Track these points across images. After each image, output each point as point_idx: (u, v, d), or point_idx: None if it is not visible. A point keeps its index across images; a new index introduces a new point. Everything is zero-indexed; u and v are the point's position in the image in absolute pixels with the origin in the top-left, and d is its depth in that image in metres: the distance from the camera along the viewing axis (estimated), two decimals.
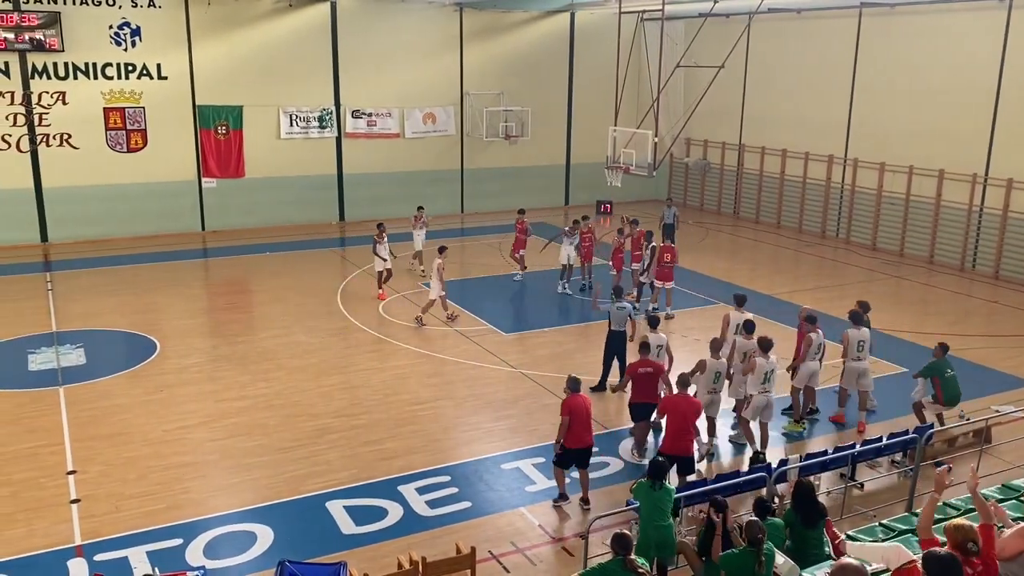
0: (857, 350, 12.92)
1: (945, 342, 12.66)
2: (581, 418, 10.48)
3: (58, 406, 13.48)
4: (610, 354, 14.23)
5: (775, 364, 11.98)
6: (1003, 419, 13.06)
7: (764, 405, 11.89)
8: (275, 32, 25.99)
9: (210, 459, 11.81)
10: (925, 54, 23.29)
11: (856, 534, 8.46)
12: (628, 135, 23.00)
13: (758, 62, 28.21)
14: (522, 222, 21.17)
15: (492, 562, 9.46)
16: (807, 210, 27.37)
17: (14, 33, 22.68)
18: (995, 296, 20.52)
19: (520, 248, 21.11)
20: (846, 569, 5.67)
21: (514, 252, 21.33)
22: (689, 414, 10.51)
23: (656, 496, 8.56)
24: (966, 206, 22.67)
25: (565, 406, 10.48)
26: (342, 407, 13.58)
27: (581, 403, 10.57)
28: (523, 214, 21.62)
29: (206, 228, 26.28)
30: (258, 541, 9.83)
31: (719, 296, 20.00)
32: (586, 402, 10.69)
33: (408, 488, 11.03)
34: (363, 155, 27.98)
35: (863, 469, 11.50)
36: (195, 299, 19.80)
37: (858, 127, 25.47)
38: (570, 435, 10.45)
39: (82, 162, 24.33)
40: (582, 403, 10.58)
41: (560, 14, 30.07)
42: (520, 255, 21.10)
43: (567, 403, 10.48)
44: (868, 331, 13.21)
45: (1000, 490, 9.27)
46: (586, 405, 10.64)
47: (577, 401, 10.53)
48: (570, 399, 10.52)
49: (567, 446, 10.50)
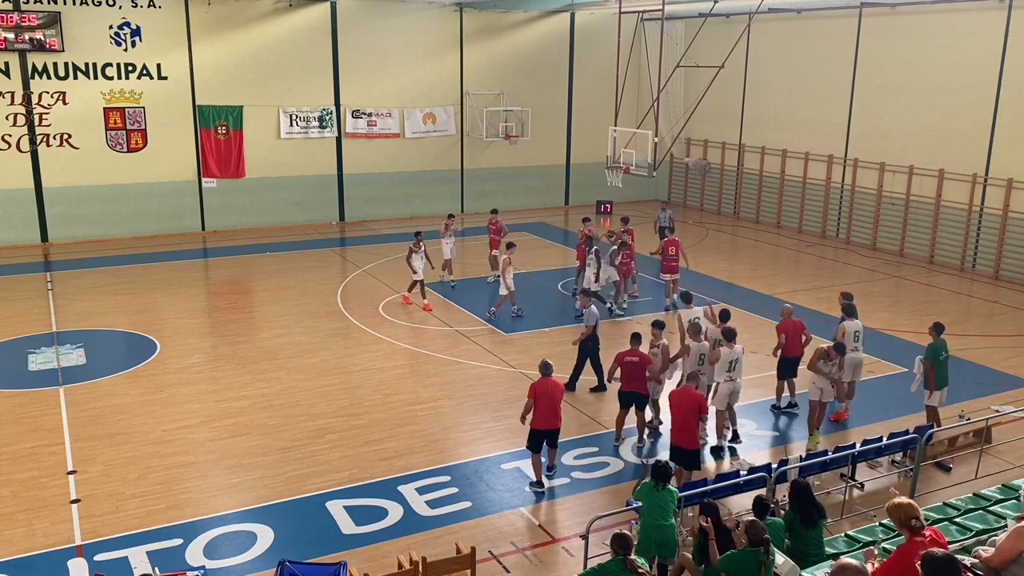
0: (854, 340, 13.13)
1: (940, 322, 12.68)
2: (546, 401, 10.86)
3: (58, 406, 13.48)
4: (584, 355, 14.40)
5: (740, 352, 12.39)
6: (1003, 419, 13.07)
7: (731, 392, 12.33)
8: (275, 32, 25.99)
9: (210, 459, 11.82)
10: (925, 54, 23.30)
11: (856, 534, 8.47)
12: (628, 135, 22.99)
13: (758, 62, 28.21)
14: (495, 221, 20.89)
15: (492, 562, 9.46)
16: (807, 210, 27.37)
17: (14, 33, 22.68)
18: (995, 296, 20.52)
19: (494, 248, 20.81)
20: (846, 569, 5.68)
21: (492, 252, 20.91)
22: (690, 408, 10.57)
23: (659, 496, 8.59)
24: (966, 206, 22.67)
25: (532, 389, 10.96)
26: (342, 407, 13.58)
27: (548, 387, 10.92)
28: (496, 213, 21.32)
29: (206, 228, 26.28)
30: (258, 541, 9.83)
31: (720, 296, 20.00)
32: (555, 386, 11.00)
33: (408, 488, 11.03)
34: (363, 155, 27.99)
35: (863, 469, 11.50)
36: (195, 299, 19.80)
37: (858, 127, 25.47)
38: (537, 417, 10.92)
39: (82, 162, 24.34)
40: (549, 387, 10.93)
41: (560, 14, 30.07)
42: (494, 255, 20.71)
43: (534, 387, 10.96)
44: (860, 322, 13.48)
45: (1000, 490, 9.26)
46: (553, 389, 10.96)
47: (545, 385, 10.91)
48: (537, 383, 10.96)
49: (535, 427, 10.97)
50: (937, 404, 12.43)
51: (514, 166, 30.47)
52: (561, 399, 11.07)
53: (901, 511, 6.42)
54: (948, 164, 22.98)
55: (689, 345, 12.42)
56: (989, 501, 8.94)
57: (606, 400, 13.93)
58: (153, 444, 12.22)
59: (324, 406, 13.60)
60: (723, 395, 12.31)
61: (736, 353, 12.33)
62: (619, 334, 17.00)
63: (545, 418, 10.93)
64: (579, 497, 10.97)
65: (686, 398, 10.67)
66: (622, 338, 14.32)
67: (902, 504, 6.46)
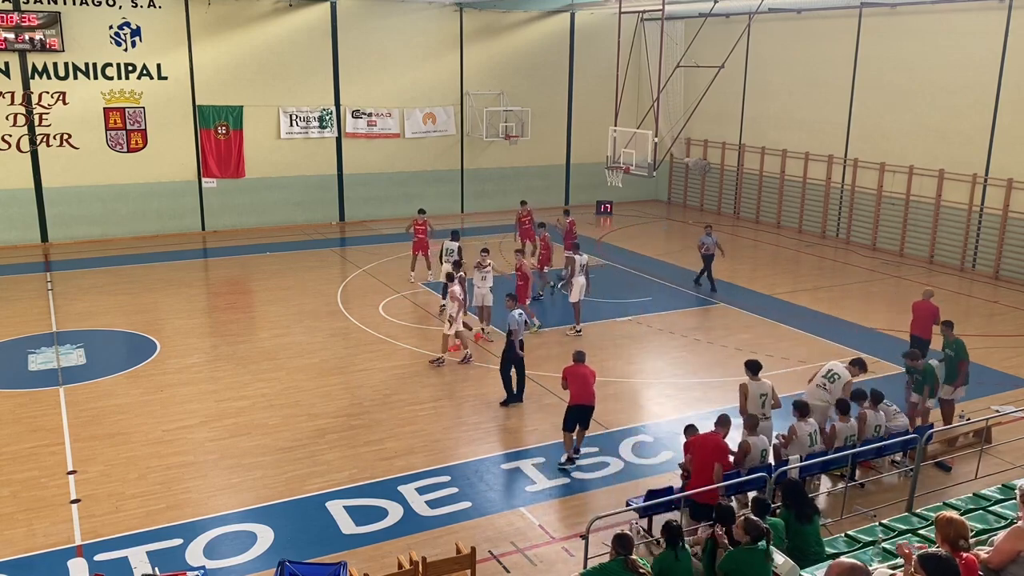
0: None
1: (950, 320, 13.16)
2: (579, 381, 11.60)
3: (58, 406, 13.48)
4: (508, 364, 13.68)
5: None
6: (1003, 419, 13.07)
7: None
8: (275, 32, 25.99)
9: (210, 459, 11.82)
10: (925, 54, 23.30)
11: (856, 534, 8.47)
12: (628, 135, 22.98)
13: (758, 62, 28.21)
14: (424, 221, 20.29)
15: (492, 562, 9.46)
16: (807, 210, 27.37)
17: (14, 33, 22.68)
18: (995, 296, 20.52)
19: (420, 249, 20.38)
20: (843, 566, 5.67)
21: (416, 251, 20.44)
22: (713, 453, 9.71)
23: (682, 566, 7.60)
24: (966, 206, 22.67)
25: (565, 372, 11.75)
26: (342, 407, 13.58)
27: (580, 370, 11.69)
28: (423, 213, 20.66)
29: (206, 228, 26.28)
30: (258, 541, 9.83)
31: (720, 296, 20.02)
32: (587, 369, 11.71)
33: (408, 488, 11.03)
34: (363, 155, 27.98)
35: (863, 469, 11.50)
36: (195, 299, 19.80)
37: (858, 127, 25.47)
38: (573, 394, 11.62)
39: (82, 162, 24.33)
40: (582, 370, 11.69)
41: (560, 14, 30.07)
42: (418, 255, 20.43)
43: (566, 369, 11.76)
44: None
45: (1000, 490, 9.27)
46: (585, 371, 11.67)
47: (577, 368, 11.70)
48: (569, 367, 11.76)
49: (571, 404, 11.60)
50: (956, 399, 12.58)
51: (514, 166, 30.46)
52: (594, 381, 11.73)
53: (952, 528, 6.04)
54: (948, 164, 22.98)
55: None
56: (989, 501, 8.95)
57: (606, 400, 13.88)
58: (153, 444, 12.22)
59: (324, 406, 13.60)
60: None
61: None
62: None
63: (580, 394, 11.56)
64: (579, 497, 10.97)
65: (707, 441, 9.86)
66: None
67: (954, 520, 6.09)
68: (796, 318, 18.41)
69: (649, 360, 16.11)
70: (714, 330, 17.68)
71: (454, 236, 18.66)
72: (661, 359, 16.13)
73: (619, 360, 15.87)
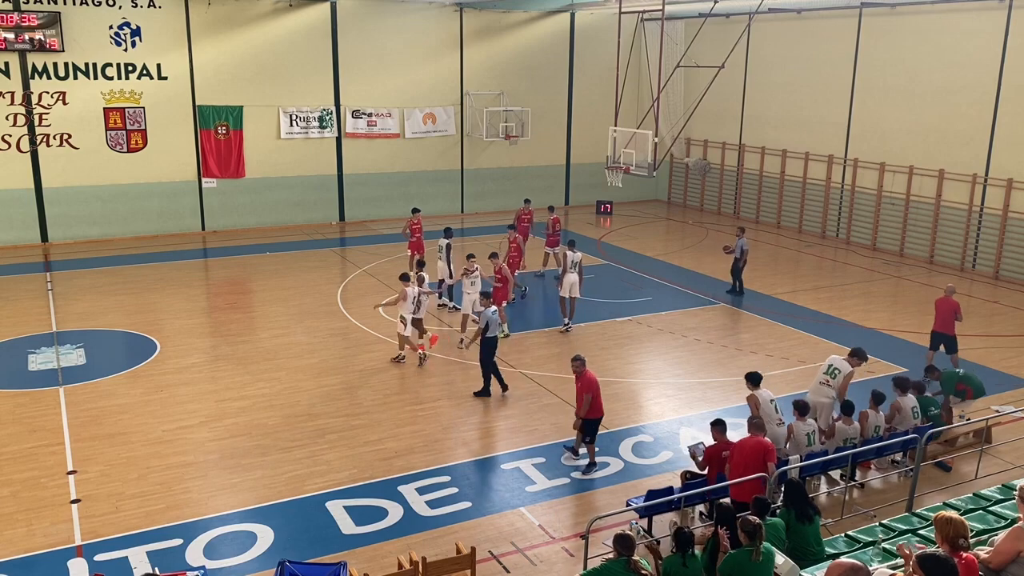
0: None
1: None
2: (598, 391, 11.54)
3: (58, 406, 13.48)
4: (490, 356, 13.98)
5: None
6: (1003, 419, 13.07)
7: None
8: (275, 32, 25.98)
9: (210, 459, 11.81)
10: (925, 54, 23.30)
11: (856, 534, 8.47)
12: (628, 135, 22.99)
13: (758, 62, 28.21)
14: (419, 220, 20.31)
15: (492, 562, 9.46)
16: (807, 210, 27.37)
17: (14, 33, 22.67)
18: (995, 296, 20.52)
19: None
20: (843, 566, 5.67)
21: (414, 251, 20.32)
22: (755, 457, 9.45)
23: (689, 572, 7.64)
24: (966, 206, 22.67)
25: (585, 382, 11.43)
26: (342, 407, 13.58)
27: (595, 377, 11.62)
28: (418, 212, 20.65)
29: (206, 228, 26.28)
30: (258, 541, 9.83)
31: (720, 296, 20.01)
32: (595, 377, 11.67)
33: (408, 488, 11.03)
34: (363, 155, 27.98)
35: (863, 469, 11.50)
36: (195, 299, 19.79)
37: (858, 127, 25.47)
38: (595, 407, 11.48)
39: (82, 162, 24.33)
40: (596, 377, 11.63)
41: (560, 14, 30.07)
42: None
43: (586, 379, 11.45)
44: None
45: (1000, 490, 9.26)
46: (597, 379, 11.65)
47: (593, 376, 11.58)
48: (585, 376, 11.47)
49: (594, 416, 11.49)
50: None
51: (514, 166, 30.46)
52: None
53: (951, 527, 6.04)
54: (948, 164, 22.98)
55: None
56: (989, 501, 8.94)
57: (605, 400, 13.87)
58: (153, 444, 12.22)
59: (324, 406, 13.60)
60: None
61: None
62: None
63: (598, 406, 11.57)
64: (579, 497, 10.97)
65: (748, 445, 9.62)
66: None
67: (954, 520, 6.09)
68: (796, 318, 18.42)
69: (649, 360, 16.11)
70: (714, 330, 17.68)
71: (447, 233, 18.83)
72: (661, 359, 16.13)
73: (619, 360, 15.87)
